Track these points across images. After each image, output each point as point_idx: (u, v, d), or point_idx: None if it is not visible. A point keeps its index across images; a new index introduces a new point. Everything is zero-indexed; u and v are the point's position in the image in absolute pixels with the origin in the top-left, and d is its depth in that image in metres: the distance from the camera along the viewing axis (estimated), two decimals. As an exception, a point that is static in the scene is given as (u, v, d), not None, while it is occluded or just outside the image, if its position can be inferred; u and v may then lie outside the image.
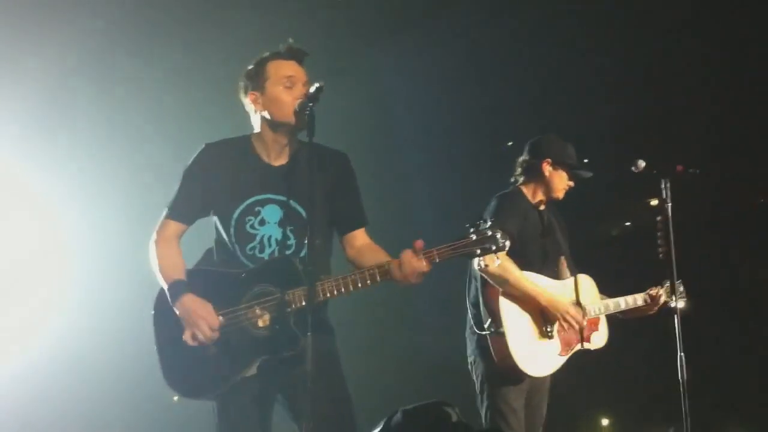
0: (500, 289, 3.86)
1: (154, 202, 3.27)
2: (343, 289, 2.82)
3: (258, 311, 2.86)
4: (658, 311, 4.27)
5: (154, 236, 3.07)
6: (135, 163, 5.98)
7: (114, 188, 6.00)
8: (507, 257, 3.76)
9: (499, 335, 3.82)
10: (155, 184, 5.32)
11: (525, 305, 3.90)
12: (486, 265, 2.96)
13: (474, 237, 2.74)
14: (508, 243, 2.76)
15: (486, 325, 3.88)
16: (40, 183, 5.95)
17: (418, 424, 2.10)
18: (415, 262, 2.74)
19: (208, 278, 2.98)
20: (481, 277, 3.92)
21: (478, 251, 2.74)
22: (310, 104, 2.83)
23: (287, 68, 3.02)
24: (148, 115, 6.02)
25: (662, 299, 4.23)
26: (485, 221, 2.78)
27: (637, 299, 4.26)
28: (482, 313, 3.92)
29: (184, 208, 3.07)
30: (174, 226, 3.07)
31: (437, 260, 2.77)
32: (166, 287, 2.96)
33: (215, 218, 3.08)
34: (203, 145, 3.11)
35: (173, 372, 2.97)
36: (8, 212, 5.95)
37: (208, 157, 3.07)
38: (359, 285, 2.82)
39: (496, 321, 3.84)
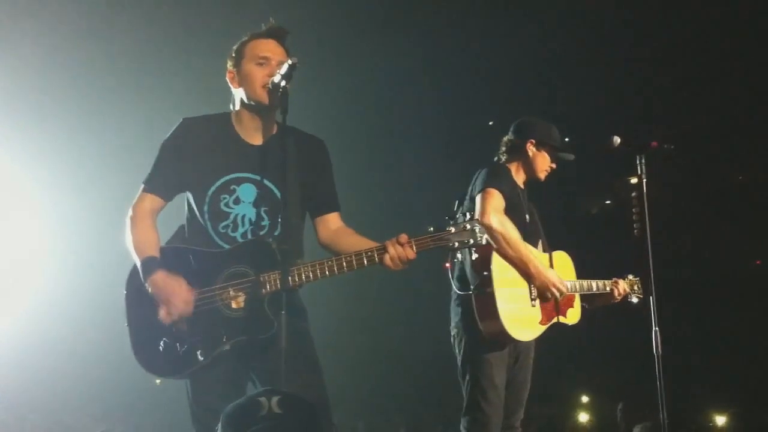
0: (493, 249, 3.81)
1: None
2: (319, 274, 2.81)
3: (232, 292, 2.85)
4: (621, 301, 4.33)
5: (130, 212, 3.04)
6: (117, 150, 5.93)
7: (96, 178, 5.95)
8: (507, 218, 3.81)
9: (486, 295, 3.78)
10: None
11: (515, 268, 3.89)
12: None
13: (453, 230, 2.78)
14: (485, 238, 2.80)
15: (473, 285, 3.84)
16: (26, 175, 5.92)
17: (231, 423, 2.08)
18: (408, 251, 2.78)
19: (183, 257, 2.95)
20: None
21: (456, 244, 2.78)
22: (283, 83, 2.81)
23: (263, 46, 3.01)
24: (135, 110, 5.97)
25: (623, 290, 4.31)
26: (464, 215, 2.83)
27: (606, 285, 4.29)
28: (469, 275, 3.89)
29: (161, 182, 3.02)
30: (150, 201, 3.03)
31: (414, 250, 2.79)
32: (138, 263, 2.92)
33: (189, 194, 3.05)
34: (181, 119, 3.08)
35: (144, 350, 2.94)
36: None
37: (186, 132, 3.05)
38: (342, 269, 2.82)
39: (485, 280, 3.79)
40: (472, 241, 2.77)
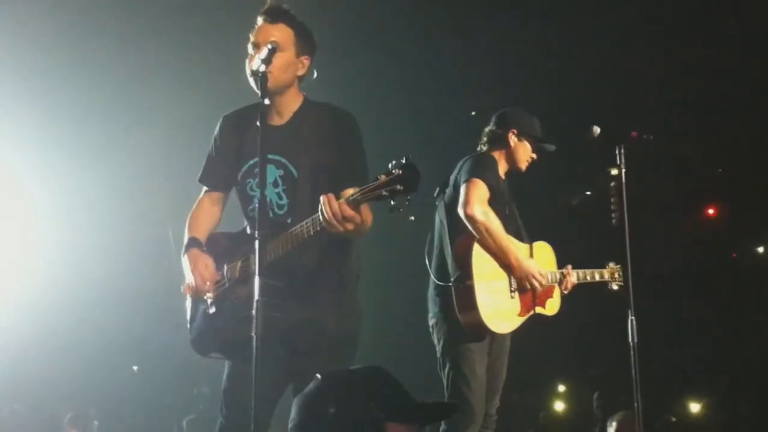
0: (475, 240, 3.83)
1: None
2: (285, 248, 2.86)
3: (234, 273, 3.02)
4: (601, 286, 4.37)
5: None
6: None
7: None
8: (490, 208, 3.81)
9: (466, 288, 3.79)
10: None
11: (496, 260, 3.90)
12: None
13: (383, 177, 2.53)
14: (417, 182, 2.51)
15: (453, 278, 3.84)
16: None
17: (359, 382, 2.00)
18: (344, 208, 2.63)
19: (218, 241, 3.18)
20: (450, 229, 3.93)
21: (386, 192, 2.51)
22: (263, 67, 2.84)
23: (255, 31, 3.08)
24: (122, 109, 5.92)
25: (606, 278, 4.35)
26: (399, 163, 2.53)
27: (587, 274, 4.31)
28: (450, 266, 3.89)
29: (209, 176, 3.27)
30: (207, 194, 3.28)
31: (349, 206, 2.64)
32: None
33: None
34: (221, 118, 3.27)
35: (191, 334, 3.18)
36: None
37: (224, 126, 3.24)
38: (300, 238, 2.83)
39: (466, 272, 3.80)
40: (402, 187, 2.48)
